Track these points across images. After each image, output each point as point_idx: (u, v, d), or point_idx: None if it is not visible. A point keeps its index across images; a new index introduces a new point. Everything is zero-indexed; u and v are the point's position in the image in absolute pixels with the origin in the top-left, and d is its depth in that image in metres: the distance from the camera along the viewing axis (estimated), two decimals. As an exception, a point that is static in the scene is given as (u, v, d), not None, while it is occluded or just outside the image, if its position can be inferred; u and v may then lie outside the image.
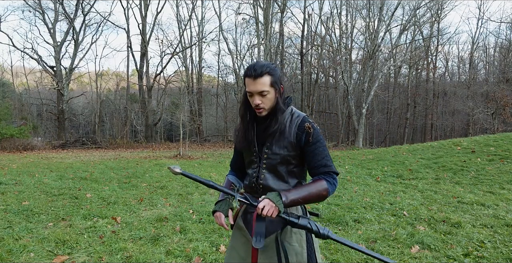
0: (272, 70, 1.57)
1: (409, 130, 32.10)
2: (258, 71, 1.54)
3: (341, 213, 4.65)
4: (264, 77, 1.55)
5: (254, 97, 1.57)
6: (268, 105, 1.59)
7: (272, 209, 1.46)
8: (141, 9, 26.67)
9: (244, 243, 1.66)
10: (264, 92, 1.55)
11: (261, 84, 1.54)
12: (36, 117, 32.87)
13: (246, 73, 1.57)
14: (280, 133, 1.61)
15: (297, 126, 1.62)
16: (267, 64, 1.57)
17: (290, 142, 1.60)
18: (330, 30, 26.41)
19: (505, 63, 27.83)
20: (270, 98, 1.58)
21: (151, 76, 27.95)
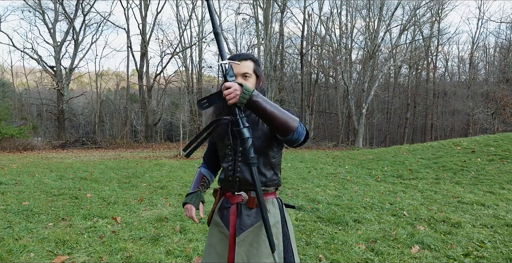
0: (255, 59, 1.65)
1: (409, 130, 32.10)
2: (244, 56, 1.61)
3: (341, 213, 4.65)
4: (248, 61, 1.61)
5: (236, 79, 1.54)
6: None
7: (236, 93, 1.35)
8: (141, 9, 26.68)
9: (221, 239, 1.63)
10: (247, 74, 1.58)
11: (245, 66, 1.59)
12: (36, 117, 32.86)
13: (230, 58, 1.58)
14: (254, 123, 1.58)
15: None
16: (250, 53, 1.65)
17: (263, 132, 1.59)
18: (330, 30, 26.42)
19: (505, 63, 27.83)
20: (251, 83, 1.59)
21: (151, 76, 27.96)
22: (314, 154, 14.00)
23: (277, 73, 25.09)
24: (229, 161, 1.63)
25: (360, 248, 3.40)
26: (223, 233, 1.63)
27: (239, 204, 1.61)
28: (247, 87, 1.38)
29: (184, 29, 27.88)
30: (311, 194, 6.03)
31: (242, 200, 1.60)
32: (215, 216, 1.69)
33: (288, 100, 27.86)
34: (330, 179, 7.81)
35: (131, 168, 9.68)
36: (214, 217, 1.69)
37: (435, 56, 32.37)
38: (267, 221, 1.49)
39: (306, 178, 7.85)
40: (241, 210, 1.60)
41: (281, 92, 25.83)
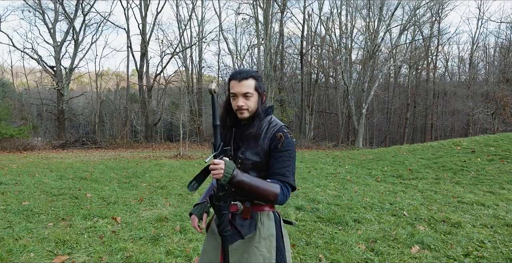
0: (257, 76, 1.65)
1: (409, 130, 32.11)
2: (244, 74, 1.61)
3: (341, 213, 4.65)
4: (249, 80, 1.61)
5: (237, 99, 1.61)
6: (251, 108, 1.63)
7: (220, 172, 1.43)
8: (141, 9, 26.68)
9: (215, 247, 1.66)
10: (248, 94, 1.60)
11: (246, 86, 1.60)
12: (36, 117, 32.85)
13: (232, 76, 1.64)
14: (255, 139, 1.63)
15: (272, 134, 1.65)
16: (253, 70, 1.65)
17: (263, 149, 1.63)
18: (330, 30, 26.42)
19: (505, 63, 27.84)
20: (253, 101, 1.62)
21: (151, 76, 27.95)
22: (314, 154, 14.01)
23: (277, 73, 25.09)
24: None
25: (360, 248, 3.40)
26: (217, 240, 1.65)
27: (234, 214, 1.64)
28: (230, 164, 1.45)
29: (184, 29, 27.90)
30: (311, 194, 6.03)
31: (237, 210, 1.64)
32: (212, 224, 1.72)
33: (288, 100, 27.86)
34: (330, 179, 7.81)
35: (131, 168, 9.68)
36: (212, 224, 1.72)
37: (435, 56, 32.39)
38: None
39: (306, 178, 7.85)
40: (235, 220, 1.64)
41: (281, 92, 25.83)
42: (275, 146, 1.63)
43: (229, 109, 1.70)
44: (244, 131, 1.65)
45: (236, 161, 1.64)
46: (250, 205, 1.63)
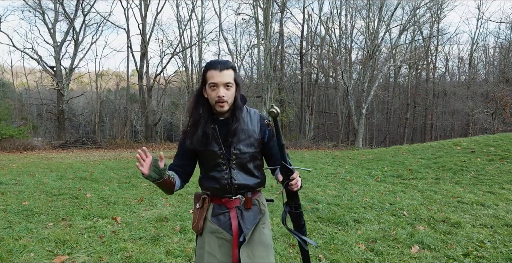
0: (235, 67, 1.62)
1: (409, 130, 32.11)
2: (224, 64, 1.56)
3: (341, 213, 4.65)
4: (229, 70, 1.57)
5: (218, 89, 1.54)
6: (230, 100, 1.58)
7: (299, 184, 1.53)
8: (141, 9, 26.67)
9: (221, 245, 1.62)
10: (229, 84, 1.56)
11: (227, 75, 1.55)
12: (36, 117, 32.86)
13: (210, 66, 1.56)
14: (243, 131, 1.62)
15: (259, 123, 1.67)
16: (229, 61, 1.61)
17: (255, 139, 1.65)
18: (330, 30, 26.43)
19: (505, 63, 27.84)
20: (232, 93, 1.58)
21: (151, 76, 27.95)
22: (314, 154, 14.01)
23: (277, 73, 25.09)
24: (223, 170, 1.63)
25: (360, 248, 3.40)
26: (223, 238, 1.62)
27: (237, 207, 1.66)
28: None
29: (184, 29, 27.88)
30: (311, 194, 6.04)
31: (240, 203, 1.66)
32: (210, 224, 1.66)
33: (288, 100, 27.87)
34: (330, 179, 7.81)
35: (131, 168, 9.68)
36: (209, 224, 1.66)
37: (435, 56, 32.39)
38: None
39: (306, 178, 7.85)
40: (241, 212, 1.65)
41: (281, 92, 25.84)
42: (270, 135, 1.67)
43: (203, 103, 1.62)
44: (227, 126, 1.60)
45: (231, 158, 1.61)
46: (251, 195, 1.67)
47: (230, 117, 1.61)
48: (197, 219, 1.68)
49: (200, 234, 1.68)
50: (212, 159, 1.64)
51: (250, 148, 1.64)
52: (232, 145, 1.61)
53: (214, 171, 1.65)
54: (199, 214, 1.68)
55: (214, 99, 1.56)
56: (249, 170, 1.67)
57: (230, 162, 1.62)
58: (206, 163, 1.67)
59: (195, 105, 1.63)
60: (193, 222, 1.70)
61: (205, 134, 1.59)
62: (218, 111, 1.59)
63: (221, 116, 1.63)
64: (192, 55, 29.90)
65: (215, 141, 1.61)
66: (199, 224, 1.66)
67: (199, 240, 1.70)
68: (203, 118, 1.60)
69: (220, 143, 1.60)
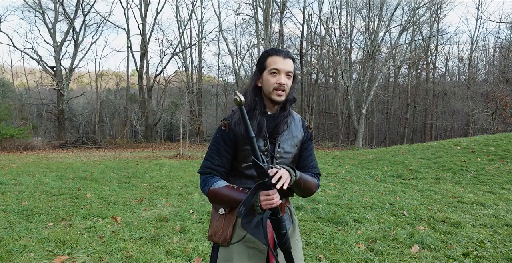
0: (295, 58, 1.57)
1: (409, 130, 32.09)
2: (288, 53, 1.50)
3: (341, 213, 4.65)
4: (291, 60, 1.51)
5: (280, 76, 1.46)
6: (288, 90, 1.49)
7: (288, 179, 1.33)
8: (141, 9, 26.67)
9: (252, 256, 1.47)
10: (290, 73, 1.48)
11: (289, 64, 1.48)
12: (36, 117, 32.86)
13: (273, 52, 1.48)
14: (290, 130, 1.55)
15: (302, 124, 1.61)
16: (291, 52, 1.54)
17: (300, 140, 1.57)
18: (330, 30, 26.41)
19: (505, 63, 27.83)
20: (291, 83, 1.50)
21: (151, 76, 27.95)
22: (314, 154, 13.99)
23: (277, 73, 25.03)
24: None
25: (360, 248, 3.40)
26: (255, 248, 1.47)
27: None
28: (288, 168, 1.39)
29: (184, 29, 27.89)
30: (311, 194, 6.03)
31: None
32: (240, 232, 1.48)
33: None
34: (330, 179, 7.81)
35: (131, 168, 9.68)
36: (239, 232, 1.48)
37: (434, 56, 32.38)
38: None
39: (306, 178, 7.84)
40: None
41: (281, 92, 25.78)
42: (309, 138, 1.62)
43: (258, 92, 1.51)
44: (275, 121, 1.50)
45: (274, 156, 1.50)
46: (285, 201, 1.55)
47: (279, 112, 1.52)
48: (223, 226, 1.48)
49: (226, 244, 1.48)
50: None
51: (293, 148, 1.55)
52: (277, 142, 1.50)
53: (251, 169, 1.47)
54: (225, 221, 1.49)
55: (272, 85, 1.46)
56: None
57: (273, 161, 1.50)
58: (245, 160, 1.49)
59: (251, 94, 1.50)
60: (216, 231, 1.50)
61: (259, 125, 1.46)
62: (274, 99, 1.47)
63: (271, 110, 1.53)
64: (192, 55, 29.94)
65: (261, 135, 1.47)
66: (227, 232, 1.47)
67: (222, 251, 1.50)
68: (257, 109, 1.48)
69: (266, 138, 1.48)
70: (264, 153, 1.48)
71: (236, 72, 28.26)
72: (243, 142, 1.47)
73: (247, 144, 1.44)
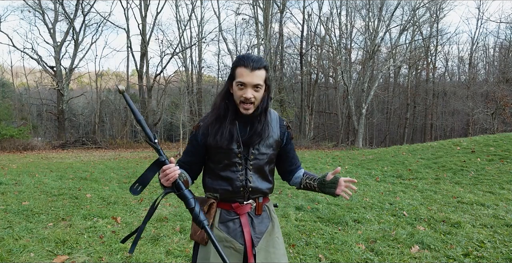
0: (268, 66, 1.51)
1: (409, 130, 32.10)
2: (257, 63, 1.44)
3: (341, 213, 4.65)
4: (261, 71, 1.46)
5: (246, 90, 1.43)
6: (257, 102, 1.48)
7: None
8: (141, 9, 26.67)
9: (230, 255, 1.48)
10: (259, 86, 1.45)
11: (258, 76, 1.44)
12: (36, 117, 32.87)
13: (241, 63, 1.44)
14: (265, 131, 1.55)
15: (279, 124, 1.61)
16: (263, 59, 1.50)
17: (276, 140, 1.58)
18: (329, 30, 26.42)
19: (505, 63, 27.84)
20: (260, 94, 1.48)
21: (151, 76, 27.95)
22: (314, 154, 14.00)
23: (277, 73, 25.09)
24: (239, 170, 1.52)
25: (360, 248, 3.40)
26: (231, 247, 1.50)
27: (248, 213, 1.55)
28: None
29: (183, 30, 27.88)
30: (311, 194, 6.03)
31: (250, 209, 1.56)
32: (217, 232, 1.52)
33: (288, 100, 27.86)
34: (330, 179, 7.80)
35: (131, 168, 9.68)
36: (216, 232, 1.51)
37: (434, 56, 32.39)
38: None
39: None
40: (252, 219, 1.56)
41: (281, 92, 25.83)
42: (289, 137, 1.64)
43: (230, 99, 1.51)
44: (250, 124, 1.51)
45: (248, 158, 1.52)
46: (262, 200, 1.59)
47: (255, 117, 1.51)
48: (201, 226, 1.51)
49: (204, 244, 1.52)
50: (228, 158, 1.51)
51: (268, 149, 1.56)
52: (251, 144, 1.52)
53: (227, 170, 1.52)
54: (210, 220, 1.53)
55: (239, 98, 1.46)
56: (265, 173, 1.58)
57: (248, 162, 1.52)
58: (219, 162, 1.54)
59: (222, 100, 1.52)
60: (196, 230, 1.54)
61: (230, 133, 1.48)
62: (242, 112, 1.48)
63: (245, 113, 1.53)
64: (192, 55, 29.93)
65: (235, 139, 1.50)
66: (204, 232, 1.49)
67: (202, 250, 1.54)
68: (229, 116, 1.49)
69: (239, 140, 1.49)
70: (237, 155, 1.51)
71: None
72: (216, 146, 1.50)
73: (221, 148, 1.50)
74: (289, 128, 1.65)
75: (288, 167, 1.69)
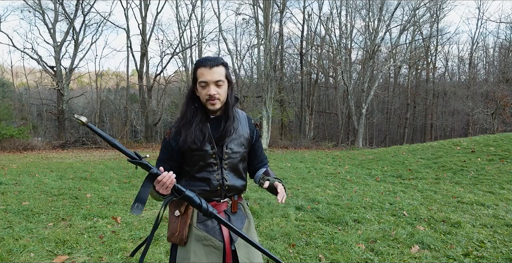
0: (226, 63, 1.58)
1: (409, 130, 32.10)
2: (214, 61, 1.52)
3: (341, 213, 4.65)
4: (220, 67, 1.52)
5: (209, 87, 1.50)
6: (222, 97, 1.54)
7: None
8: (141, 9, 26.66)
9: (208, 253, 1.53)
10: (220, 82, 1.51)
11: (217, 73, 1.51)
12: (36, 117, 32.88)
13: (200, 64, 1.52)
14: (235, 130, 1.61)
15: (248, 123, 1.68)
16: (220, 57, 1.57)
17: (246, 138, 1.65)
18: (329, 30, 26.42)
19: (505, 63, 27.83)
20: (224, 90, 1.54)
21: (151, 76, 27.94)
22: (314, 154, 14.00)
23: (277, 73, 25.07)
24: (215, 170, 1.57)
25: (360, 248, 3.40)
26: (211, 245, 1.54)
27: (224, 211, 1.61)
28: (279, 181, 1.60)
29: (184, 30, 27.86)
30: (311, 194, 6.03)
31: (227, 207, 1.61)
32: (196, 231, 1.55)
33: (288, 100, 27.86)
34: (330, 179, 7.81)
35: (131, 168, 9.68)
36: (195, 232, 1.55)
37: (434, 56, 32.38)
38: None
39: (306, 178, 7.85)
40: (229, 217, 1.61)
41: (281, 92, 25.83)
42: (258, 135, 1.71)
43: (196, 100, 1.58)
44: (219, 124, 1.57)
45: (223, 157, 1.57)
46: (237, 198, 1.66)
47: (222, 116, 1.58)
48: (179, 227, 1.56)
49: (183, 244, 1.55)
50: (203, 159, 1.56)
51: (240, 147, 1.62)
52: (224, 144, 1.57)
53: (204, 171, 1.57)
54: (180, 222, 1.56)
55: (204, 97, 1.52)
56: (239, 171, 1.64)
57: (222, 162, 1.58)
58: (195, 164, 1.57)
59: (188, 103, 1.59)
60: (173, 232, 1.57)
61: (201, 132, 1.54)
62: (209, 109, 1.54)
63: (213, 115, 1.59)
64: (192, 55, 29.90)
65: (208, 140, 1.55)
66: (183, 232, 1.54)
67: (180, 251, 1.57)
68: (198, 116, 1.55)
69: (212, 142, 1.55)
70: (212, 155, 1.56)
71: (236, 72, 28.24)
72: (190, 149, 1.55)
73: (194, 151, 1.55)
74: (257, 126, 1.72)
75: (256, 164, 1.76)
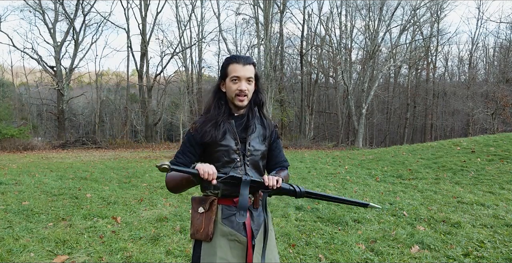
0: (255, 63, 1.65)
1: (409, 130, 32.11)
2: (247, 60, 1.59)
3: (341, 213, 4.65)
4: (251, 66, 1.60)
5: (240, 83, 1.56)
6: (250, 94, 1.60)
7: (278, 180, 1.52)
8: (141, 9, 26.67)
9: (233, 248, 1.56)
10: (251, 78, 1.58)
11: (249, 70, 1.58)
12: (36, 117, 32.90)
13: (233, 60, 1.58)
14: (258, 128, 1.66)
15: (268, 123, 1.72)
16: (251, 57, 1.64)
17: (267, 137, 1.69)
18: (329, 30, 26.44)
19: (505, 63, 27.83)
20: (252, 88, 1.61)
21: (151, 76, 27.94)
22: (314, 154, 14.01)
23: (277, 73, 25.08)
24: (238, 166, 1.60)
25: (360, 248, 3.40)
26: (235, 240, 1.57)
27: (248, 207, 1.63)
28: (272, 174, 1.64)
29: (184, 30, 27.87)
30: (311, 194, 6.03)
31: (250, 202, 1.62)
32: (221, 227, 1.57)
33: (288, 100, 27.87)
34: (330, 179, 7.81)
35: (131, 168, 9.68)
36: (221, 228, 1.57)
37: (435, 56, 32.38)
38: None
39: (306, 178, 7.85)
40: (251, 213, 1.63)
41: (281, 92, 25.84)
42: (277, 135, 1.75)
43: (222, 97, 1.63)
44: (243, 121, 1.62)
45: (246, 154, 1.61)
46: (259, 194, 1.66)
47: (246, 113, 1.64)
48: (204, 224, 1.57)
49: (209, 240, 1.57)
50: (227, 155, 1.59)
51: (262, 145, 1.66)
52: (247, 141, 1.62)
53: (227, 167, 1.58)
54: (205, 219, 1.58)
55: (234, 92, 1.57)
56: (260, 169, 1.68)
57: (245, 158, 1.61)
58: (218, 159, 1.59)
59: (214, 98, 1.64)
60: (198, 229, 1.58)
61: (227, 127, 1.59)
62: (237, 105, 1.60)
63: (237, 112, 1.64)
64: (192, 55, 29.93)
65: (232, 136, 1.59)
66: (208, 229, 1.56)
67: (205, 246, 1.58)
68: (223, 112, 1.61)
69: (236, 138, 1.60)
70: (236, 151, 1.60)
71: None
72: (215, 144, 1.59)
73: (218, 146, 1.58)
74: (277, 127, 1.76)
75: (273, 165, 1.77)
